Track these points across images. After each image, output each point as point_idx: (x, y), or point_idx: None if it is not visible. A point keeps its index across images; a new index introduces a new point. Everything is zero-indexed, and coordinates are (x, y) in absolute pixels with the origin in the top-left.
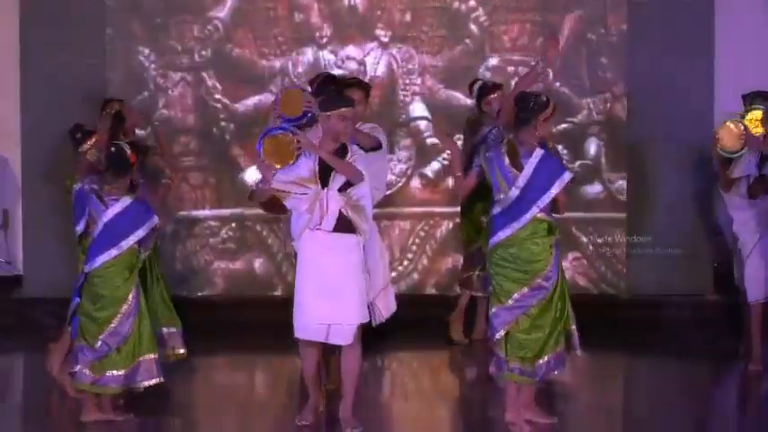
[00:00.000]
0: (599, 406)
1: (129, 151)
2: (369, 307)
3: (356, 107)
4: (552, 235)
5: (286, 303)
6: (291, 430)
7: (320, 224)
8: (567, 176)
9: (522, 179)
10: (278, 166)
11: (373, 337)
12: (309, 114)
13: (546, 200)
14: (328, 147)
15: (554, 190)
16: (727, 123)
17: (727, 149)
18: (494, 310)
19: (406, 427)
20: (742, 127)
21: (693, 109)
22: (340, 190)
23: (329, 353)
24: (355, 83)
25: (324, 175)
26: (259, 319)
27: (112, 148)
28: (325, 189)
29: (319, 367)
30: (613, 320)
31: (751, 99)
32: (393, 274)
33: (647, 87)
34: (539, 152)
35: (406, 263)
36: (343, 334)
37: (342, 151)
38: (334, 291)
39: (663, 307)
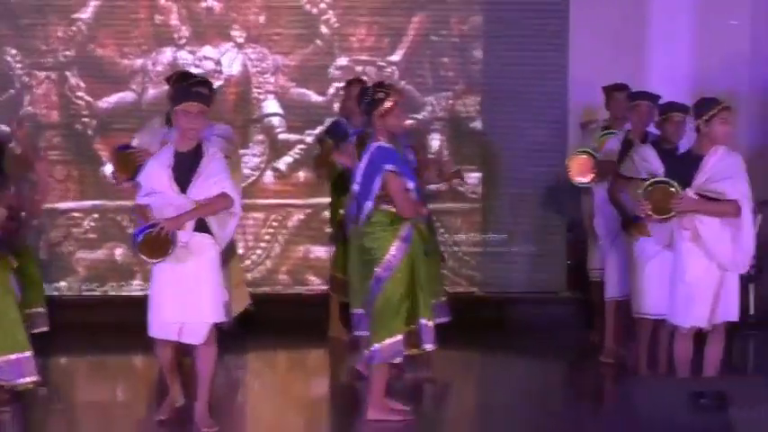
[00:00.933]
0: (453, 404)
1: None
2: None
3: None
4: (394, 225)
5: (145, 299)
6: (150, 426)
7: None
8: (384, 169)
9: (358, 174)
10: (163, 258)
11: (228, 337)
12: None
13: (373, 193)
14: (183, 146)
15: (376, 184)
16: (576, 155)
17: (576, 180)
18: (356, 311)
19: (261, 428)
20: (591, 159)
21: (546, 105)
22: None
23: (183, 355)
24: (200, 81)
25: (182, 182)
26: (119, 318)
27: None
28: (184, 198)
29: (180, 364)
30: (467, 319)
31: (610, 91)
32: (247, 262)
33: (500, 83)
34: (373, 146)
35: (259, 251)
36: (196, 333)
37: (197, 151)
38: (189, 289)
39: (518, 305)
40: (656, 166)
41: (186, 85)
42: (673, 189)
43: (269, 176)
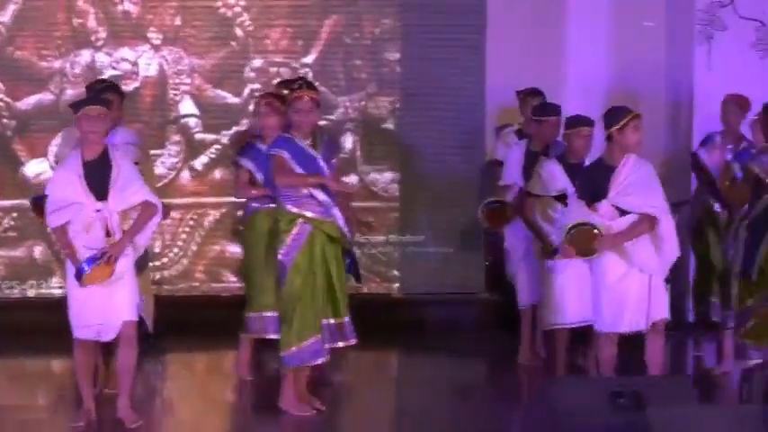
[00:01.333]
0: (372, 404)
1: None
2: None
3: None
4: (290, 225)
5: (61, 303)
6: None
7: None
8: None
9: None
10: (103, 282)
11: (147, 338)
12: None
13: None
14: (90, 153)
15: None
16: (488, 208)
17: (490, 228)
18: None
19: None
20: (502, 208)
21: (463, 105)
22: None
23: (109, 355)
24: (105, 87)
25: (96, 190)
26: (34, 321)
27: None
28: (105, 206)
29: (96, 370)
30: (384, 320)
31: (524, 95)
32: (164, 260)
33: (416, 84)
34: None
35: (176, 249)
36: (113, 330)
37: (105, 157)
38: (106, 290)
39: (436, 306)
40: (563, 182)
41: (88, 92)
42: (596, 231)
43: (185, 176)
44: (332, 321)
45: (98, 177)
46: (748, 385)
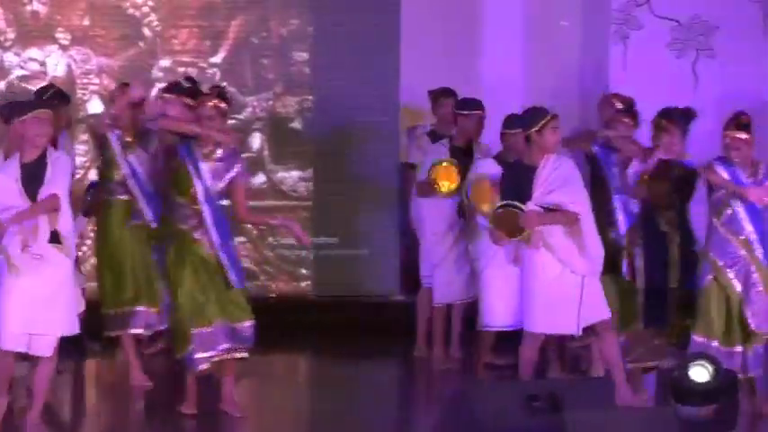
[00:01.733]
0: (281, 407)
1: None
2: None
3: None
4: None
5: None
6: None
7: (30, 246)
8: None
9: None
10: None
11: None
12: None
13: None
14: (29, 155)
15: None
16: (439, 165)
17: (444, 191)
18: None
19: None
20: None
21: (376, 105)
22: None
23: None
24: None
25: (31, 193)
26: None
27: None
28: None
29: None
30: (295, 322)
31: (436, 96)
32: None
33: (328, 83)
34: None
35: (84, 248)
36: (46, 345)
37: (42, 159)
38: (41, 300)
39: (350, 308)
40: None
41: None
42: (518, 211)
43: (93, 175)
44: (201, 330)
45: (34, 179)
46: (660, 387)
